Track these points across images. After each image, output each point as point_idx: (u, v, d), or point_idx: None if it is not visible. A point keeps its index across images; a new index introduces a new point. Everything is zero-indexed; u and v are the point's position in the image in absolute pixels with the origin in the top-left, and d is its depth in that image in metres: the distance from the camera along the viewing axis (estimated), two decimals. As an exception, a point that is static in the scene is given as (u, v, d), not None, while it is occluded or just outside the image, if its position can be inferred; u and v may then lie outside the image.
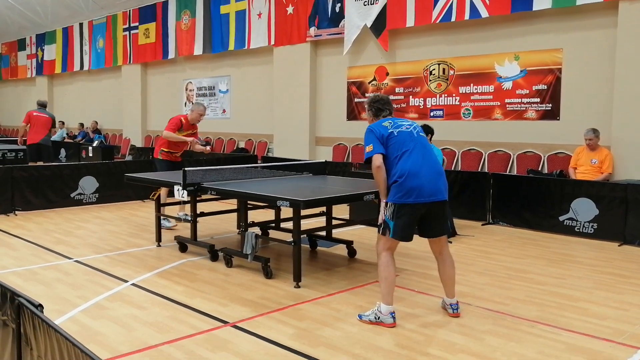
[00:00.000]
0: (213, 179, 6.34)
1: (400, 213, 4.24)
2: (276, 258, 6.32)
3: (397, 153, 4.27)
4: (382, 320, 4.28)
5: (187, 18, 15.64)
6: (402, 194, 4.21)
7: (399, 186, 4.22)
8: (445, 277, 4.58)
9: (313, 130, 12.95)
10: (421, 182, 4.21)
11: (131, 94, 18.12)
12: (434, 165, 4.34)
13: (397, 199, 4.23)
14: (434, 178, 4.29)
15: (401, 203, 4.23)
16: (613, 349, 3.91)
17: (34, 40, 22.88)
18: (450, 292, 4.59)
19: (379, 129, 4.35)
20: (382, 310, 4.29)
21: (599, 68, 8.85)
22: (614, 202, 7.33)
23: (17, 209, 9.11)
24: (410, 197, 4.20)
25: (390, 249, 4.38)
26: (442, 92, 10.74)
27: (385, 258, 4.34)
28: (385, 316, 4.27)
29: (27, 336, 2.37)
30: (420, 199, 4.22)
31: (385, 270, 4.32)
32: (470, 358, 3.74)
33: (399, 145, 4.28)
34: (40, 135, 11.36)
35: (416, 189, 4.20)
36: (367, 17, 11.38)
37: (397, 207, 4.24)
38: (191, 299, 4.92)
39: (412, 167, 4.22)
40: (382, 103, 4.60)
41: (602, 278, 5.68)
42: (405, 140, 4.31)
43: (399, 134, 4.32)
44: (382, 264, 4.34)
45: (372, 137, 4.33)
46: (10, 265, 6.02)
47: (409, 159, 4.24)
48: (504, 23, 9.83)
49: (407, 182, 4.19)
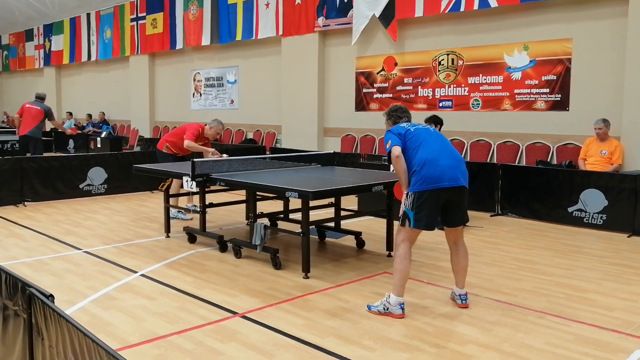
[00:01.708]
0: (222, 170, 6.35)
1: (420, 201, 4.24)
2: (285, 249, 6.33)
3: (415, 145, 4.35)
4: (390, 311, 4.29)
5: (195, 8, 15.61)
6: (421, 181, 4.23)
7: (417, 174, 4.26)
8: (458, 268, 4.59)
9: (321, 121, 12.92)
10: (440, 169, 4.24)
11: (139, 85, 18.14)
12: (452, 153, 4.41)
13: (417, 187, 4.26)
14: (452, 164, 4.32)
15: (420, 190, 4.24)
16: (621, 340, 3.90)
17: (41, 31, 22.91)
18: (461, 282, 4.60)
19: (397, 129, 4.50)
20: (391, 302, 4.31)
21: (609, 58, 8.77)
22: (623, 193, 7.29)
23: (27, 200, 9.17)
24: (430, 183, 4.22)
25: (409, 240, 4.36)
26: (451, 83, 10.69)
27: (403, 250, 4.33)
28: (394, 307, 4.29)
29: (38, 326, 2.39)
30: (440, 184, 4.23)
31: (402, 262, 4.32)
32: (478, 349, 3.74)
33: (416, 139, 4.38)
34: (28, 127, 11.23)
35: (435, 176, 4.22)
36: (375, 7, 11.32)
37: (417, 196, 4.25)
38: (200, 290, 4.94)
39: (430, 154, 4.28)
40: (401, 112, 4.77)
41: (610, 269, 5.66)
42: (422, 134, 4.42)
43: (415, 130, 4.44)
44: (399, 255, 4.34)
45: (390, 135, 4.45)
46: (20, 256, 6.07)
47: (426, 148, 4.31)
48: (513, 13, 9.75)
49: (425, 170, 4.23)
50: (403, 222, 4.35)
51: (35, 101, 11.63)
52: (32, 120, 11.31)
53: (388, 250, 6.15)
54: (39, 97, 11.81)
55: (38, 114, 11.39)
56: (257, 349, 3.72)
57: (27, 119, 11.31)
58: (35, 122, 11.34)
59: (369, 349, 3.74)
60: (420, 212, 4.25)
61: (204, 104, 16.38)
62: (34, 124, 11.33)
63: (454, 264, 4.61)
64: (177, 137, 8.12)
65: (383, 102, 11.77)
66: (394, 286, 4.33)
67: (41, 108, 11.46)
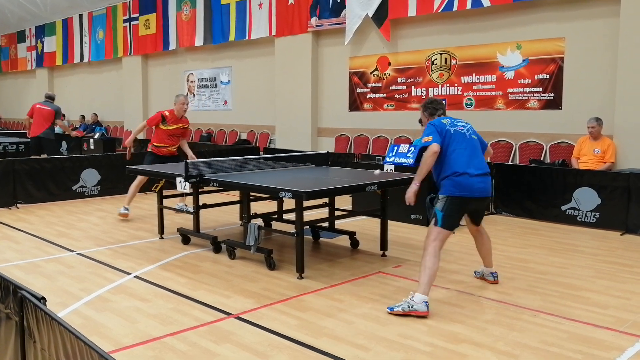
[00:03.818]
0: (215, 170, 6.33)
1: (452, 205, 4.51)
2: (279, 249, 6.32)
3: (451, 148, 4.57)
4: (415, 309, 4.29)
5: (188, 9, 15.58)
6: (456, 188, 4.50)
7: (451, 181, 4.52)
8: (484, 250, 5.10)
9: (315, 121, 12.92)
10: (472, 179, 4.53)
11: (132, 86, 18.09)
12: (482, 165, 4.66)
13: (451, 192, 4.51)
14: (482, 176, 4.61)
15: (454, 196, 4.51)
16: (615, 338, 3.91)
17: (33, 32, 22.80)
18: (489, 262, 5.13)
19: (439, 124, 4.65)
20: (415, 299, 4.31)
21: (602, 57, 8.80)
22: (616, 192, 7.32)
23: (19, 202, 9.12)
24: (463, 191, 4.51)
25: (440, 240, 4.52)
26: (444, 82, 10.70)
27: (433, 249, 4.47)
28: (420, 304, 4.29)
29: (30, 329, 2.37)
30: (471, 194, 4.54)
31: (431, 260, 4.43)
32: (473, 348, 3.75)
33: (454, 143, 4.59)
34: (41, 128, 11.20)
35: (468, 185, 4.51)
36: (368, 7, 11.32)
37: (450, 200, 4.51)
38: (194, 291, 4.92)
39: (465, 164, 4.54)
40: (436, 104, 4.96)
41: (604, 267, 5.68)
42: (460, 139, 4.62)
43: (455, 133, 4.62)
44: (429, 253, 4.46)
45: (433, 129, 4.61)
46: (13, 259, 6.03)
47: (462, 156, 4.56)
48: (506, 12, 9.78)
49: (460, 178, 4.51)
50: (431, 220, 4.59)
51: (46, 101, 11.57)
52: (44, 121, 11.26)
53: (382, 250, 6.14)
54: (49, 97, 11.75)
55: (50, 115, 11.33)
56: (252, 350, 3.71)
57: (39, 120, 11.24)
58: (47, 123, 11.31)
59: (364, 348, 3.74)
60: (450, 215, 4.52)
61: (197, 105, 16.34)
62: (46, 125, 11.29)
63: (480, 248, 5.10)
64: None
65: (376, 102, 11.78)
66: (421, 284, 4.37)
67: (52, 108, 11.40)
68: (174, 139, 8.16)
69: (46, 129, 11.29)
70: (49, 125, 11.32)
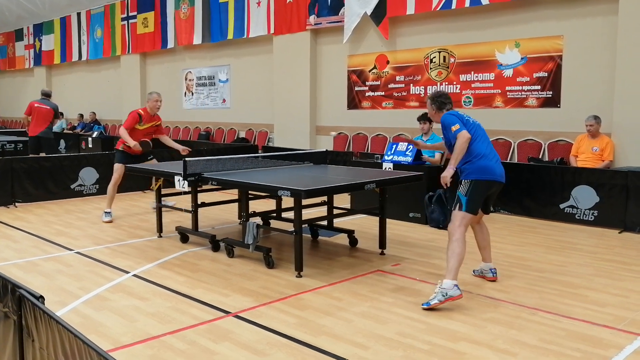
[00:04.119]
0: (214, 169, 6.33)
1: (475, 189, 4.64)
2: (278, 248, 6.32)
3: (474, 136, 4.74)
4: (450, 295, 4.37)
5: (186, 7, 15.56)
6: (480, 172, 4.65)
7: (474, 165, 4.68)
8: (484, 243, 5.10)
9: (313, 119, 12.91)
10: (493, 164, 4.72)
11: (130, 84, 18.07)
12: (496, 152, 4.88)
13: (475, 176, 4.66)
14: (499, 162, 4.81)
15: (478, 179, 4.65)
16: (613, 336, 3.92)
17: (31, 31, 22.76)
18: (488, 256, 5.13)
19: (459, 114, 4.85)
20: (446, 286, 4.39)
21: (600, 55, 8.80)
22: (614, 190, 7.33)
23: (17, 201, 9.11)
24: (486, 175, 4.66)
25: (465, 225, 4.63)
26: (443, 80, 10.70)
27: (460, 234, 4.57)
28: (452, 289, 4.37)
29: (29, 328, 2.37)
30: (494, 177, 4.71)
31: (459, 245, 4.53)
32: (471, 346, 3.75)
33: (475, 129, 4.78)
34: (39, 127, 11.10)
35: (490, 169, 4.68)
36: (367, 5, 11.31)
37: (474, 184, 4.65)
38: (193, 290, 4.92)
39: (485, 150, 4.73)
40: (445, 97, 5.04)
41: (602, 265, 5.69)
42: (477, 127, 4.83)
43: (473, 122, 4.84)
44: (457, 239, 4.55)
45: (456, 118, 4.76)
46: (11, 257, 6.03)
47: (481, 143, 4.75)
48: (505, 10, 9.77)
49: (482, 162, 4.67)
50: (456, 205, 4.68)
51: (43, 99, 11.42)
52: (43, 120, 11.14)
53: (381, 248, 6.15)
54: (46, 95, 11.58)
55: (48, 113, 11.24)
56: (251, 348, 3.71)
57: (39, 119, 11.12)
58: (47, 121, 11.21)
59: (362, 347, 3.74)
60: (474, 199, 4.64)
61: (195, 103, 16.33)
62: (45, 123, 11.18)
63: (480, 240, 5.10)
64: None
65: (375, 100, 11.78)
66: (450, 270, 4.46)
67: (50, 107, 11.32)
68: (148, 138, 8.09)
69: (45, 128, 11.20)
70: (48, 124, 11.24)
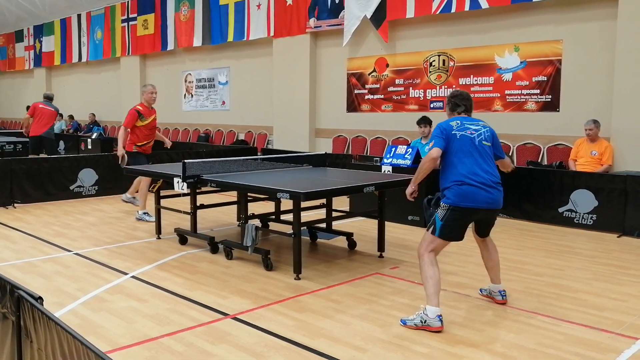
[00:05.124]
0: (213, 171, 6.33)
1: (453, 215, 4.18)
2: (276, 250, 6.32)
3: (456, 156, 4.24)
4: (428, 324, 4.03)
5: (186, 9, 15.58)
6: (458, 198, 4.17)
7: (454, 190, 4.19)
8: (491, 263, 4.63)
9: (313, 122, 12.92)
10: (477, 189, 4.17)
11: (130, 86, 18.07)
12: (491, 174, 4.28)
13: (452, 202, 4.19)
14: (489, 186, 4.23)
15: (455, 206, 4.18)
16: (612, 340, 3.92)
17: (31, 32, 22.78)
18: (497, 277, 4.64)
19: (446, 127, 4.31)
20: (428, 314, 4.05)
21: (599, 60, 8.82)
22: (613, 194, 7.33)
23: (16, 202, 9.11)
24: (466, 201, 4.17)
25: (434, 250, 4.24)
26: (442, 84, 10.72)
27: (428, 257, 4.21)
28: (433, 319, 4.03)
29: (27, 329, 2.37)
30: (476, 204, 4.19)
31: (430, 268, 4.16)
32: (469, 349, 3.75)
33: (459, 149, 4.24)
34: (44, 127, 11.36)
35: (472, 194, 4.16)
36: (367, 8, 11.33)
37: (451, 210, 4.19)
38: (191, 291, 4.92)
39: (469, 173, 4.19)
40: (460, 99, 4.53)
41: (601, 269, 5.69)
42: (465, 145, 4.25)
43: (461, 138, 4.26)
44: (425, 263, 4.19)
45: (438, 133, 4.31)
46: (10, 258, 6.02)
47: (466, 165, 4.21)
48: (504, 14, 9.79)
49: (463, 187, 4.17)
50: (429, 227, 4.29)
51: (46, 101, 11.71)
52: (47, 121, 11.45)
53: (379, 251, 6.14)
54: (49, 98, 11.89)
55: (52, 115, 11.56)
56: (249, 351, 3.71)
57: (43, 120, 11.38)
58: (50, 122, 11.54)
59: (361, 349, 3.74)
60: (449, 225, 4.20)
61: (195, 105, 16.34)
62: (49, 124, 11.50)
63: (487, 260, 4.65)
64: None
65: (374, 103, 11.79)
66: (428, 296, 4.11)
67: (54, 109, 11.62)
68: (153, 131, 8.24)
69: (48, 128, 11.49)
70: (51, 125, 11.62)
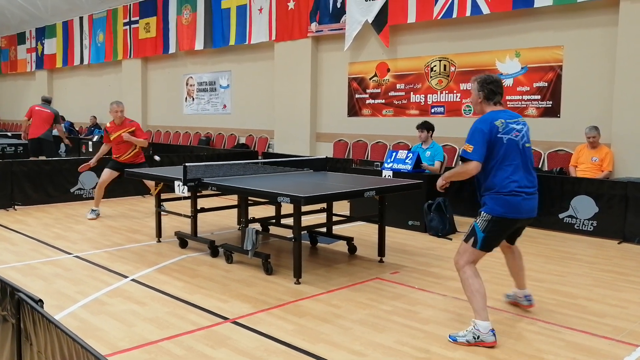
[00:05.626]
0: (214, 174, 6.33)
1: (495, 226, 3.99)
2: (276, 254, 6.32)
3: (502, 163, 3.97)
4: (482, 340, 3.86)
5: (188, 12, 15.61)
6: (502, 208, 3.96)
7: (498, 199, 3.97)
8: (517, 268, 4.53)
9: (314, 126, 12.93)
10: (522, 199, 3.98)
11: (131, 89, 18.10)
12: (532, 182, 4.09)
13: (497, 211, 3.97)
14: (532, 195, 4.07)
15: (500, 217, 3.97)
16: (612, 347, 3.91)
17: (33, 34, 22.83)
18: (522, 283, 4.55)
19: (490, 128, 3.95)
20: (480, 329, 3.88)
21: (600, 66, 8.83)
22: (613, 200, 7.33)
23: (17, 204, 9.11)
24: (511, 212, 3.97)
25: (474, 262, 4.06)
26: (443, 89, 10.73)
27: (470, 270, 4.03)
28: (486, 334, 3.87)
29: (27, 331, 2.37)
30: (519, 215, 4.02)
31: (474, 282, 3.99)
32: (469, 355, 3.74)
33: (505, 155, 3.97)
34: (40, 130, 11.34)
35: (517, 205, 3.97)
36: (368, 13, 11.36)
37: (494, 221, 3.97)
38: (191, 295, 4.92)
39: (513, 182, 3.96)
40: (497, 85, 4.13)
41: (601, 276, 5.68)
42: (512, 151, 3.99)
43: (508, 142, 3.97)
44: (468, 276, 4.01)
45: (480, 137, 3.94)
46: (10, 260, 6.02)
47: (511, 172, 3.97)
48: (505, 20, 9.81)
49: (507, 198, 3.95)
50: (468, 239, 4.07)
51: (44, 104, 11.71)
52: (43, 123, 11.42)
53: (380, 256, 6.14)
54: (46, 100, 11.90)
55: (49, 117, 11.51)
56: (248, 355, 3.70)
57: (39, 122, 11.37)
58: (47, 125, 11.49)
59: (360, 354, 3.74)
60: (492, 237, 4.02)
61: (196, 109, 16.36)
62: (46, 126, 11.46)
63: (512, 266, 4.54)
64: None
65: (375, 108, 11.80)
66: (478, 311, 3.94)
67: (51, 111, 11.60)
68: (123, 146, 8.39)
69: (45, 130, 11.44)
70: (48, 127, 11.56)
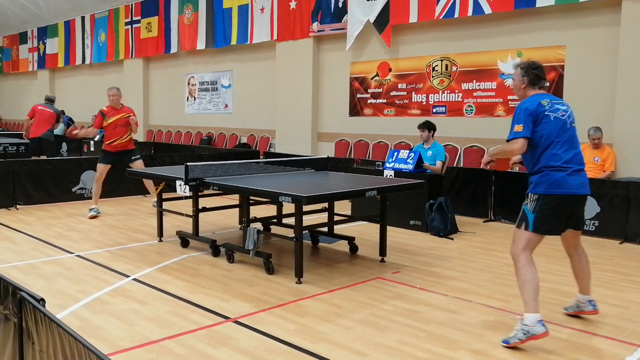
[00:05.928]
0: (215, 174, 6.34)
1: (545, 205, 3.91)
2: (278, 254, 6.32)
3: (548, 140, 3.94)
4: (532, 333, 3.76)
5: (190, 12, 15.61)
6: (549, 184, 3.91)
7: (545, 176, 3.93)
8: (582, 273, 4.36)
9: (315, 126, 12.93)
10: (566, 174, 3.93)
11: (133, 89, 18.09)
12: (580, 159, 4.07)
13: (543, 189, 3.92)
14: (580, 171, 4.02)
15: (547, 194, 3.91)
16: (613, 347, 3.91)
17: (35, 34, 22.85)
18: (587, 288, 4.37)
19: (537, 107, 3.93)
20: (528, 322, 3.78)
21: (602, 66, 8.82)
22: (615, 200, 7.32)
23: (19, 203, 9.12)
24: (556, 188, 3.91)
25: (529, 248, 3.95)
26: (445, 89, 10.72)
27: (526, 260, 3.90)
28: (534, 327, 3.76)
29: (29, 330, 2.37)
30: (568, 190, 3.93)
31: (528, 271, 3.86)
32: (471, 355, 3.74)
33: (551, 133, 3.94)
34: (42, 129, 11.36)
35: (563, 181, 3.92)
36: (370, 13, 11.36)
37: (542, 199, 3.91)
38: (192, 294, 4.92)
39: (560, 159, 3.93)
40: (541, 71, 4.08)
41: (603, 276, 5.68)
42: (559, 129, 3.96)
43: (555, 120, 3.95)
44: (522, 265, 3.89)
45: (527, 115, 3.93)
46: (12, 260, 6.03)
47: (560, 149, 3.94)
48: (507, 19, 9.80)
49: (553, 174, 3.91)
50: (520, 224, 4.00)
51: (46, 103, 11.76)
52: (46, 123, 11.46)
53: (381, 255, 6.14)
54: (49, 100, 11.94)
55: (51, 117, 11.56)
56: (250, 354, 3.71)
57: (41, 121, 11.41)
58: (49, 124, 11.54)
59: (362, 354, 3.74)
60: (543, 216, 3.92)
61: (198, 108, 16.36)
62: (48, 126, 11.51)
63: (578, 270, 4.37)
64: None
65: (377, 108, 11.80)
66: (526, 302, 3.84)
67: (53, 111, 11.64)
68: (120, 130, 8.50)
69: (47, 130, 11.49)
70: (50, 126, 11.61)
